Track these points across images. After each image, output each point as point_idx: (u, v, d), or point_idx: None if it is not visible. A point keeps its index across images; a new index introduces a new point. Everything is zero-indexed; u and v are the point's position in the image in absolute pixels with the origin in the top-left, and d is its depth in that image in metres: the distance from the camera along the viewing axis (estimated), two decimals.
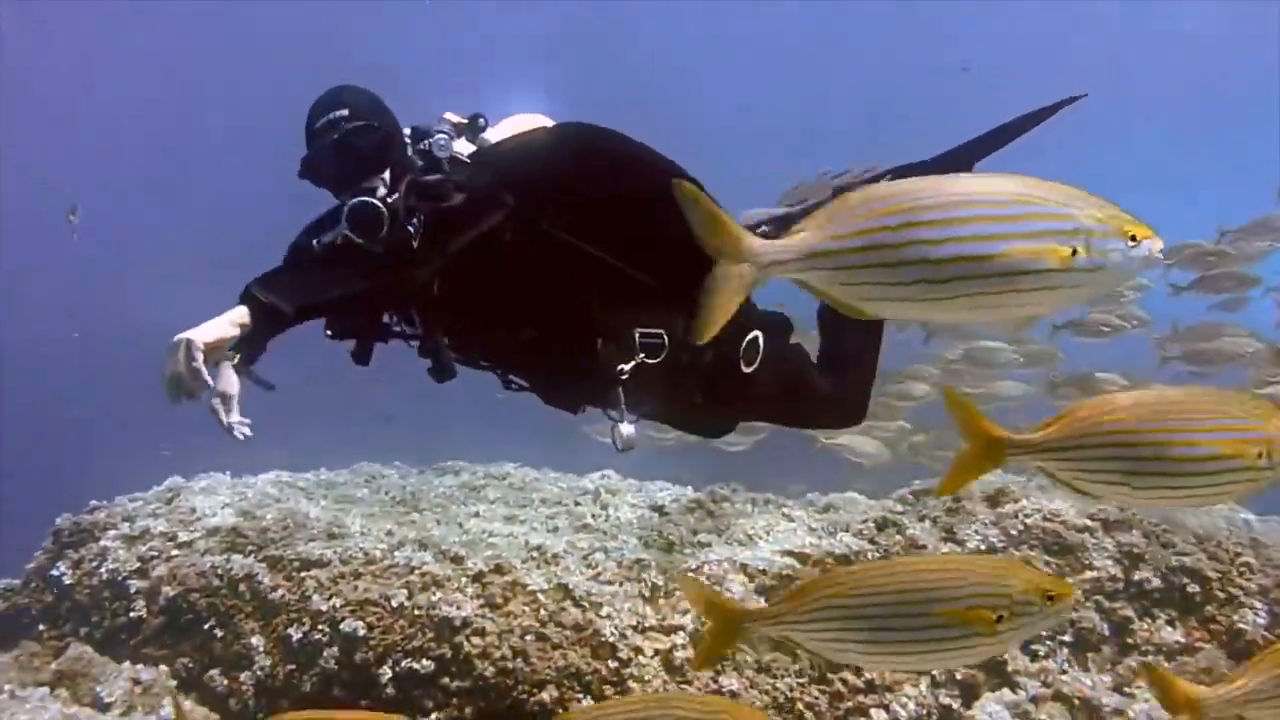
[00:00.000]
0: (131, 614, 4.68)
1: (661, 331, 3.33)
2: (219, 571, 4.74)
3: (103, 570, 4.88)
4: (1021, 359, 8.30)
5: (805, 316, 4.03)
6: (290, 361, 3.20)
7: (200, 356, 2.69)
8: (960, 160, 3.71)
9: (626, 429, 3.37)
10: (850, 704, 4.29)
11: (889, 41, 24.76)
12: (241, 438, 2.92)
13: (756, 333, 3.50)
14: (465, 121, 3.28)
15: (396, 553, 4.88)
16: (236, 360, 3.08)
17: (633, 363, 3.29)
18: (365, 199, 2.98)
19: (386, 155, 3.08)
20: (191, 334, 2.71)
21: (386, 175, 3.06)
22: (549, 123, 3.46)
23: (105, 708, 3.49)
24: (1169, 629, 4.41)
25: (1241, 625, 4.35)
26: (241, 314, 2.83)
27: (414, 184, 3.05)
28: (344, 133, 3.04)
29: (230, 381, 2.98)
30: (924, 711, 4.22)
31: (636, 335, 3.30)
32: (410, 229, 3.00)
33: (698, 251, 2.75)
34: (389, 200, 3.00)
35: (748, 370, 3.50)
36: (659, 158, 3.29)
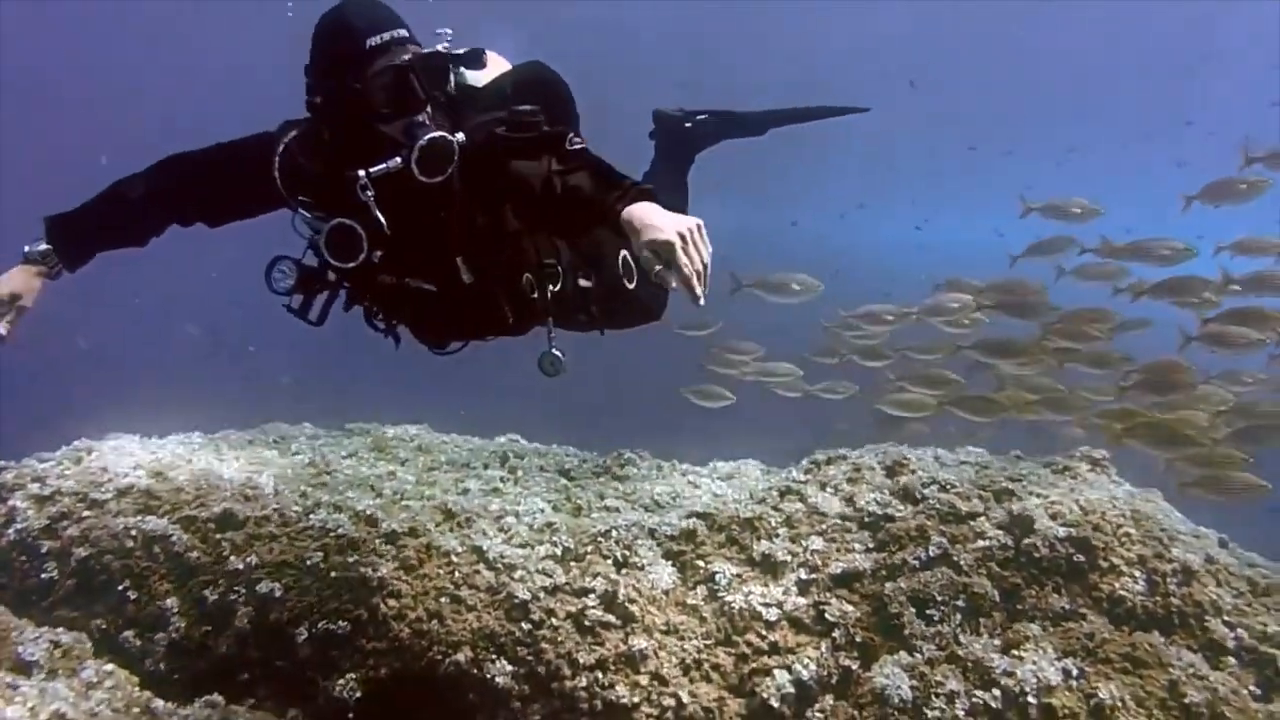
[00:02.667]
0: (43, 575, 4.63)
1: (554, 261, 3.45)
2: (132, 532, 4.72)
3: (11, 531, 4.81)
4: None
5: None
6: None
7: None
8: (762, 122, 4.77)
9: (558, 354, 3.50)
10: (755, 665, 4.45)
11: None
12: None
13: (624, 253, 3.73)
14: (461, 54, 3.18)
15: (311, 515, 4.92)
16: (57, 268, 3.10)
17: (550, 289, 3.42)
18: (442, 134, 2.91)
19: (435, 88, 3.01)
20: (692, 221, 2.52)
21: (429, 108, 2.98)
22: (506, 64, 3.51)
23: (27, 669, 3.49)
24: (1055, 595, 4.63)
25: (1122, 592, 4.59)
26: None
27: (512, 114, 2.99)
28: (416, 57, 2.93)
29: (33, 289, 3.03)
30: (825, 672, 4.40)
31: (544, 264, 3.42)
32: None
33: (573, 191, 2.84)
34: (457, 138, 2.94)
35: (630, 286, 3.78)
36: (573, 107, 3.51)
